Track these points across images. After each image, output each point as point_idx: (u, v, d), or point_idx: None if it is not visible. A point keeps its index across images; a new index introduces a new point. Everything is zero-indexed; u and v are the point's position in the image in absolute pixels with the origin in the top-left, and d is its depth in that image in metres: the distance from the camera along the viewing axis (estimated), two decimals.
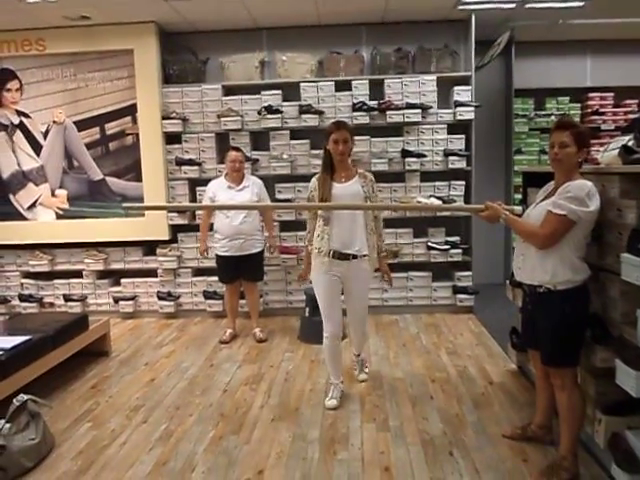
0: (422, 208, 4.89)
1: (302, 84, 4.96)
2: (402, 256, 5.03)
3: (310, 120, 4.92)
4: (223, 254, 4.34)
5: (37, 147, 5.23)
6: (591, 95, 5.73)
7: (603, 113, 5.68)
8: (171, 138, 5.13)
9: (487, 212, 2.37)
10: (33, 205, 5.30)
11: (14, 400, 2.67)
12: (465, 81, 4.98)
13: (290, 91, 5.01)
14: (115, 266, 5.31)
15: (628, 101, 5.71)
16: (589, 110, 5.71)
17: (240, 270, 4.40)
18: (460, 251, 5.02)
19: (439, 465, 2.52)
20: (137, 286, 5.29)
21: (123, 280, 5.30)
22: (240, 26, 5.08)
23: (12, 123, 5.20)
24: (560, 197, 2.17)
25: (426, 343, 4.29)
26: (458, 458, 2.57)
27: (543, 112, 5.76)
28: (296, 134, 5.01)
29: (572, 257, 2.22)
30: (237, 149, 4.38)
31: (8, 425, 2.60)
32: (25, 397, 2.69)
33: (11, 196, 5.29)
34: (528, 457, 2.55)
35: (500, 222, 2.37)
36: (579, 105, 5.78)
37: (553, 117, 5.69)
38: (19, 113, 5.19)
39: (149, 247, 5.28)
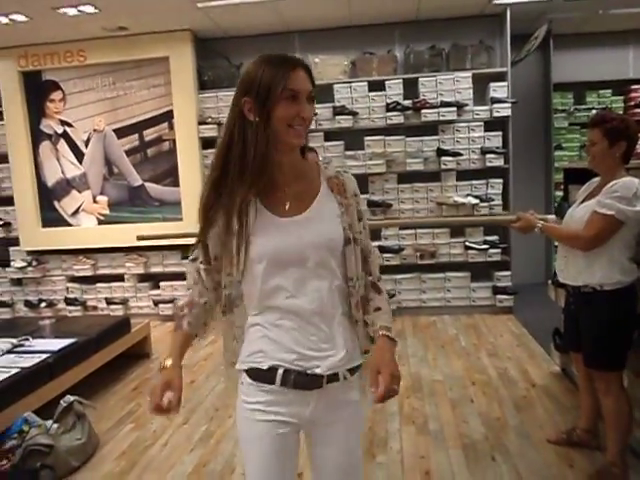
0: (449, 222, 4.80)
1: (335, 85, 4.96)
2: (439, 256, 4.96)
3: (344, 121, 4.91)
4: None
5: (79, 155, 5.40)
6: (634, 87, 5.51)
7: None
8: (207, 143, 5.20)
9: (520, 223, 2.29)
10: (76, 211, 5.47)
11: (61, 401, 2.77)
12: (501, 77, 4.89)
13: (324, 92, 5.01)
14: (154, 269, 5.42)
15: None
16: (632, 103, 5.50)
17: None
18: (499, 250, 4.92)
19: (481, 470, 2.47)
20: (176, 289, 5.37)
21: (162, 283, 5.41)
22: (272, 30, 5.12)
23: (56, 132, 5.39)
24: (606, 196, 2.09)
25: (465, 344, 4.22)
26: (500, 463, 2.52)
27: (583, 106, 5.58)
28: (330, 135, 5.01)
29: (622, 258, 2.14)
30: (311, 150, 3.98)
31: (56, 425, 2.69)
32: (72, 398, 2.79)
33: (56, 203, 5.48)
34: (574, 463, 2.47)
35: (535, 232, 2.28)
36: (622, 98, 5.58)
37: (594, 111, 5.50)
38: (62, 122, 5.37)
39: (187, 250, 5.35)
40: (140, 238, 3.17)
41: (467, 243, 4.93)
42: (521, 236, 5.03)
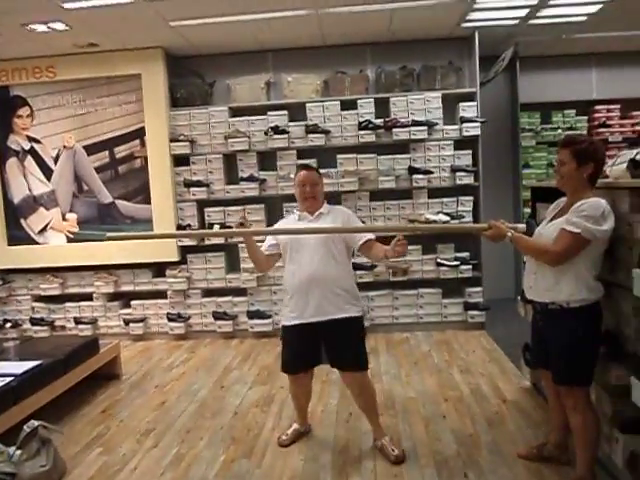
0: (422, 229, 4.88)
1: (308, 104, 5.00)
2: (411, 273, 5.00)
3: (316, 140, 4.95)
4: (291, 323, 2.80)
5: (48, 172, 5.30)
6: (597, 108, 5.71)
7: (610, 125, 5.66)
8: (179, 160, 5.17)
9: (491, 231, 2.32)
10: (44, 229, 5.35)
11: (25, 426, 2.67)
12: (470, 97, 5.00)
13: (296, 111, 5.05)
14: (125, 288, 5.33)
15: (635, 112, 5.67)
16: (596, 122, 5.69)
17: (319, 350, 2.80)
18: (470, 267, 4.99)
19: None
20: (147, 308, 5.29)
21: (133, 302, 5.31)
22: (246, 48, 5.15)
23: (23, 149, 5.28)
24: (575, 215, 2.14)
25: (438, 361, 4.24)
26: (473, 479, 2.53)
27: (550, 126, 5.75)
28: (303, 154, 5.04)
29: (588, 276, 2.19)
30: (307, 167, 2.95)
31: (19, 452, 2.60)
32: (36, 423, 2.69)
33: (22, 220, 5.36)
34: (545, 478, 2.49)
35: (505, 241, 2.32)
36: (586, 118, 5.76)
37: (560, 130, 5.68)
38: (30, 139, 5.27)
39: (158, 269, 5.30)
40: (109, 239, 3.13)
41: (439, 260, 4.98)
42: (491, 253, 5.17)
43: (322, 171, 4.85)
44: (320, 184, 2.86)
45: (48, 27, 4.23)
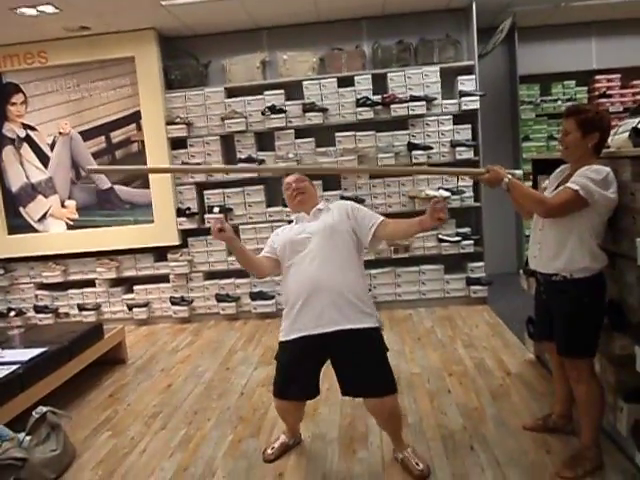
0: (424, 171, 4.90)
1: (304, 82, 4.94)
2: (413, 250, 5.00)
3: (314, 118, 4.90)
4: (288, 338, 2.39)
5: (44, 159, 5.26)
6: (597, 77, 5.64)
7: (610, 95, 5.59)
8: (176, 143, 5.13)
9: (488, 175, 2.28)
10: (43, 217, 5.34)
11: (33, 412, 2.69)
12: (469, 70, 4.93)
13: (293, 90, 5.00)
14: (127, 273, 5.33)
15: (635, 82, 5.60)
16: (596, 93, 5.62)
17: (318, 370, 2.45)
18: (471, 242, 4.98)
19: (460, 460, 2.50)
20: (150, 292, 5.30)
21: (136, 287, 5.32)
22: (240, 27, 5.07)
23: (18, 136, 5.24)
24: (577, 175, 2.13)
25: (441, 336, 4.26)
26: (479, 452, 2.55)
27: (549, 97, 5.68)
28: (301, 133, 4.99)
29: (591, 243, 2.17)
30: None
31: (29, 437, 2.62)
32: (44, 409, 2.72)
33: (21, 209, 5.34)
34: (551, 448, 2.52)
35: (502, 187, 2.24)
36: (586, 88, 5.69)
37: (560, 102, 5.62)
38: (25, 126, 5.23)
39: (160, 253, 5.29)
40: (90, 171, 3.00)
41: (440, 236, 4.97)
42: (493, 227, 5.15)
43: (321, 150, 4.90)
44: (308, 182, 2.57)
45: (38, 10, 4.15)
